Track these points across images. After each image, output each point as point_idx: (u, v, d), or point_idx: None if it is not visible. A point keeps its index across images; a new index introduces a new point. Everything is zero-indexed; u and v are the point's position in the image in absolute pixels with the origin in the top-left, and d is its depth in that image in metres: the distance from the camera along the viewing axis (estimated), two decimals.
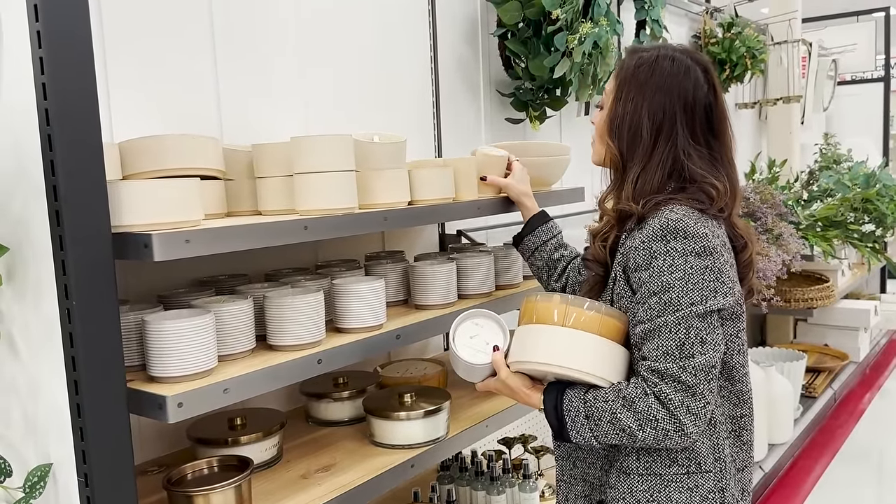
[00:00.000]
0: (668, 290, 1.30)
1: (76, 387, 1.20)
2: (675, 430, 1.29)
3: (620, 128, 1.43)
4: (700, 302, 1.29)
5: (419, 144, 2.46)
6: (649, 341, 1.32)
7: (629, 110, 1.41)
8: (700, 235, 1.31)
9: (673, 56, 1.42)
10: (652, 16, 3.25)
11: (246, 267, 1.89)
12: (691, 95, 1.40)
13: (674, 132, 1.39)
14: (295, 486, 1.58)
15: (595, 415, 1.33)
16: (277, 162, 1.59)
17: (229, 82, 1.88)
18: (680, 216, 1.32)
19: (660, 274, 1.31)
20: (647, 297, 1.32)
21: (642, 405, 1.29)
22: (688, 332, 1.29)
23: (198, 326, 1.32)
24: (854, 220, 3.85)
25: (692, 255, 1.30)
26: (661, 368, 1.29)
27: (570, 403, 1.36)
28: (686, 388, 1.28)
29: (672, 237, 1.31)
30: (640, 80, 1.41)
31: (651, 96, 1.40)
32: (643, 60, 1.43)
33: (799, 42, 5.10)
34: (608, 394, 1.34)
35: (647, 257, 1.33)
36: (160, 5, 1.73)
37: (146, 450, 1.72)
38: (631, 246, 1.37)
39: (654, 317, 1.31)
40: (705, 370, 1.29)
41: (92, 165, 1.17)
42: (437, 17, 2.51)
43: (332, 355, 1.53)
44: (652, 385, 1.30)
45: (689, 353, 1.29)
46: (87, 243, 1.17)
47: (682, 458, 1.38)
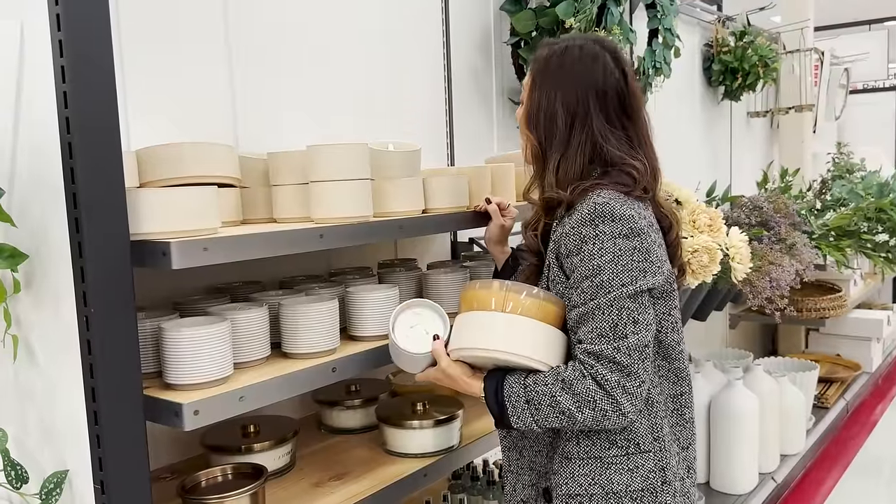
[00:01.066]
0: (599, 273, 1.33)
1: (93, 394, 1.20)
2: (612, 410, 1.31)
3: (537, 118, 1.46)
4: (630, 283, 1.32)
5: (432, 153, 2.46)
6: (584, 324, 1.34)
7: (543, 101, 1.45)
8: (627, 217, 1.34)
9: (581, 45, 1.46)
10: (664, 24, 3.25)
11: (260, 274, 1.90)
12: (601, 81, 1.43)
13: (588, 118, 1.42)
14: (308, 495, 1.58)
15: (535, 399, 1.35)
16: (293, 170, 1.59)
17: (245, 91, 1.89)
18: (606, 199, 1.35)
19: (590, 257, 1.33)
20: (580, 281, 1.35)
21: (580, 387, 1.31)
22: (620, 313, 1.32)
23: (214, 334, 1.32)
24: (867, 230, 3.83)
25: (620, 238, 1.33)
26: (597, 350, 1.31)
27: (510, 389, 1.37)
28: (621, 369, 1.31)
29: (600, 221, 1.34)
30: (552, 70, 1.45)
31: (563, 85, 1.43)
32: (553, 52, 1.46)
33: (811, 51, 5.08)
34: (547, 377, 1.35)
35: (578, 242, 1.35)
36: (177, 15, 1.75)
37: (159, 456, 1.73)
38: (561, 232, 1.40)
39: (587, 300, 1.34)
40: (639, 349, 1.32)
41: (112, 173, 1.18)
42: (451, 26, 2.51)
43: (347, 363, 1.53)
44: (588, 367, 1.32)
45: (622, 333, 1.31)
46: (106, 251, 1.18)
47: (620, 439, 1.40)
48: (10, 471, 1.30)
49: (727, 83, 4.18)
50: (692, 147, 4.05)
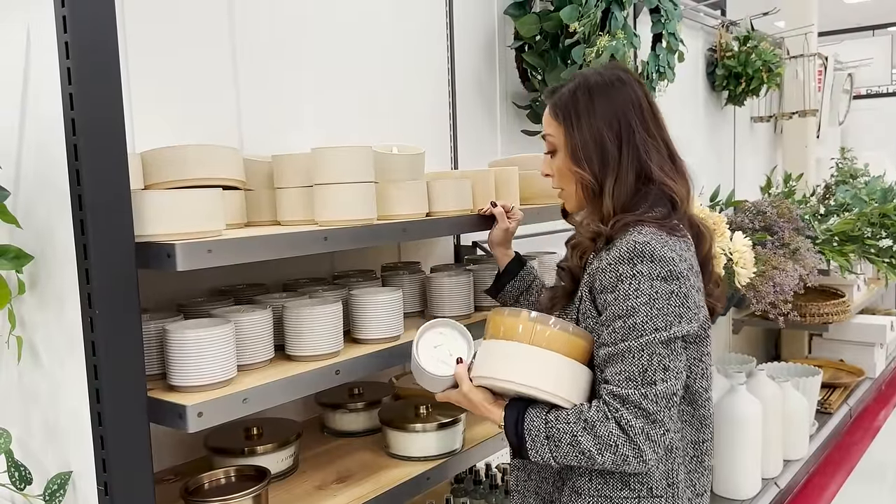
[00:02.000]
0: (633, 315, 1.29)
1: (97, 395, 1.20)
2: (634, 456, 1.29)
3: (586, 152, 1.42)
4: (664, 328, 1.29)
5: (435, 156, 2.46)
6: (612, 365, 1.32)
7: (586, 133, 1.42)
8: (667, 259, 1.31)
9: (596, 71, 1.47)
10: (668, 29, 3.25)
11: (263, 277, 1.90)
12: (633, 96, 1.43)
13: (632, 134, 1.41)
14: (311, 498, 1.58)
15: (555, 436, 1.33)
16: (297, 173, 1.59)
17: (249, 93, 1.90)
18: (648, 239, 1.32)
19: (625, 297, 1.30)
20: (612, 321, 1.32)
21: (603, 430, 1.29)
22: (650, 359, 1.29)
23: (218, 336, 1.32)
24: (871, 235, 3.82)
25: (658, 280, 1.30)
26: (623, 394, 1.29)
27: (530, 423, 1.35)
28: (647, 415, 1.28)
29: (639, 260, 1.30)
30: (583, 104, 1.43)
31: (602, 111, 1.42)
32: (574, 88, 1.45)
33: (815, 56, 5.08)
34: (570, 415, 1.33)
35: (614, 280, 1.32)
36: (182, 16, 1.75)
37: (163, 458, 1.73)
38: (598, 267, 1.37)
39: (617, 340, 1.31)
40: (666, 398, 1.29)
41: (117, 175, 1.19)
42: (455, 30, 2.52)
43: (351, 366, 1.53)
44: (613, 410, 1.29)
45: (651, 379, 1.28)
46: (111, 252, 1.18)
47: (634, 482, 1.38)
48: (13, 472, 1.30)
49: (731, 88, 4.18)
50: (696, 152, 4.05)
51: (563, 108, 1.46)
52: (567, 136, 1.45)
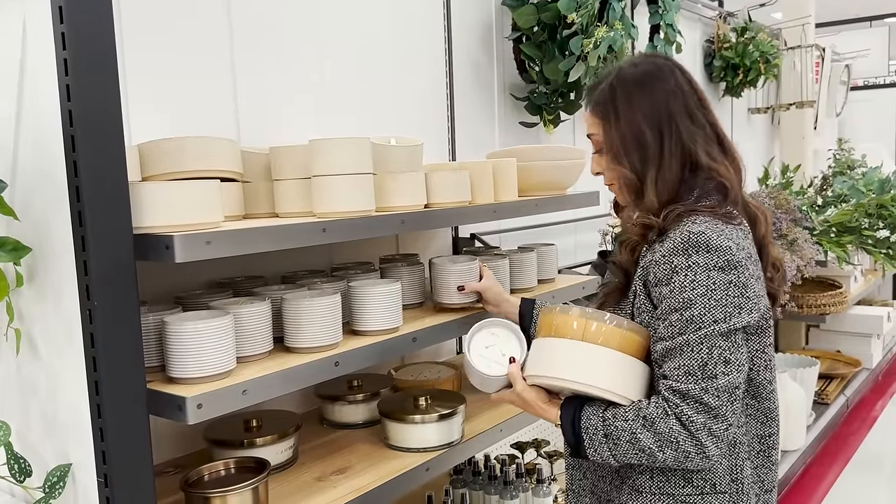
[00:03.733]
0: (690, 307, 1.26)
1: (97, 387, 1.20)
2: (696, 452, 1.26)
3: (625, 147, 1.40)
4: (723, 320, 1.26)
5: (433, 148, 2.46)
6: (670, 360, 1.28)
7: (625, 128, 1.39)
8: (723, 248, 1.27)
9: (632, 63, 1.44)
10: (666, 20, 3.25)
11: (261, 269, 1.89)
12: (672, 84, 1.39)
13: (673, 123, 1.37)
14: (311, 489, 1.58)
15: (614, 434, 1.30)
16: (295, 164, 1.59)
17: (247, 85, 1.89)
18: (702, 229, 1.28)
19: (681, 290, 1.27)
20: (668, 314, 1.29)
21: (663, 426, 1.26)
22: (710, 352, 1.25)
23: (217, 328, 1.32)
24: (868, 226, 3.83)
25: (715, 270, 1.26)
26: (683, 389, 1.26)
27: (587, 421, 1.33)
28: (708, 410, 1.25)
29: (694, 251, 1.27)
30: (620, 98, 1.40)
31: (639, 103, 1.38)
32: (613, 83, 1.42)
33: (812, 47, 5.08)
34: (628, 413, 1.30)
35: (668, 272, 1.29)
36: (179, 8, 1.74)
37: (162, 451, 1.73)
38: (651, 260, 1.33)
39: (674, 334, 1.28)
40: (728, 391, 1.26)
41: (115, 167, 1.18)
42: (452, 21, 2.51)
43: (349, 358, 1.53)
44: (673, 406, 1.26)
45: (711, 373, 1.25)
46: (109, 244, 1.18)
47: (697, 478, 1.35)
48: (13, 464, 1.30)
49: (728, 79, 4.18)
50: None
51: (602, 105, 1.43)
52: (605, 133, 1.43)
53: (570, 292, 2.23)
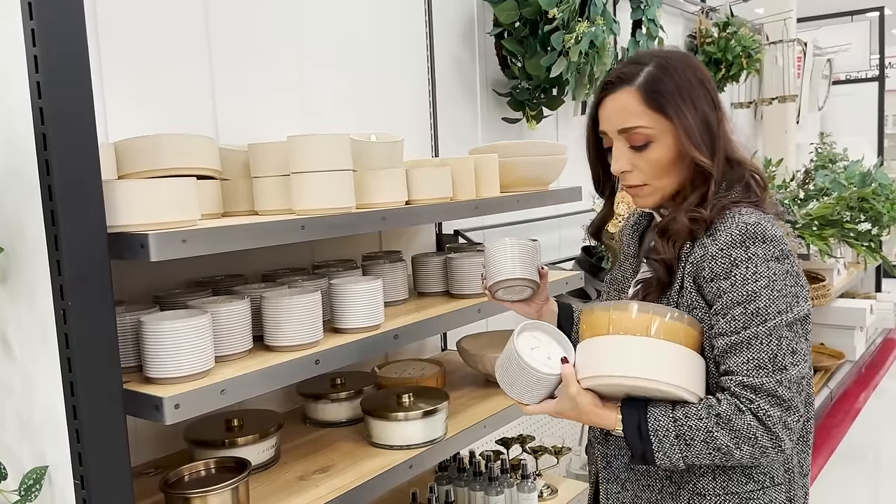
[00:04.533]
0: (755, 300, 1.22)
1: (72, 388, 1.18)
2: (772, 447, 1.22)
3: (702, 134, 1.30)
4: (786, 310, 1.23)
5: (416, 144, 2.45)
6: (736, 354, 1.24)
7: (693, 114, 1.29)
8: (778, 238, 1.25)
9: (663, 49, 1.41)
10: (648, 15, 3.26)
11: (242, 267, 1.88)
12: (704, 70, 1.35)
13: (719, 112, 1.33)
14: (293, 488, 1.57)
15: (687, 434, 1.23)
16: (274, 162, 1.58)
17: (225, 82, 1.87)
18: (757, 219, 1.25)
19: (743, 282, 1.23)
20: (730, 308, 1.24)
21: (739, 422, 1.21)
22: (779, 343, 1.22)
23: (194, 327, 1.31)
24: (850, 219, 3.86)
25: (773, 261, 1.23)
26: (756, 383, 1.22)
27: (656, 422, 1.25)
28: (782, 403, 1.21)
29: (751, 242, 1.23)
30: (678, 82, 1.30)
31: (694, 91, 1.30)
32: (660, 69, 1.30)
33: (794, 42, 5.11)
34: (700, 411, 1.24)
35: (727, 265, 1.24)
36: (156, 5, 1.72)
37: (143, 451, 1.71)
38: (703, 255, 1.27)
39: (739, 328, 1.23)
40: (797, 382, 1.23)
41: (87, 164, 1.16)
42: (434, 17, 2.50)
43: (330, 356, 1.52)
44: (746, 401, 1.22)
45: (781, 364, 1.22)
46: (83, 243, 1.16)
47: (757, 473, 1.31)
48: None
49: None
50: None
51: (661, 90, 1.29)
52: (676, 119, 1.29)
53: (553, 288, 2.22)
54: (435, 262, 2.06)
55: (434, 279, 2.06)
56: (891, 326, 6.26)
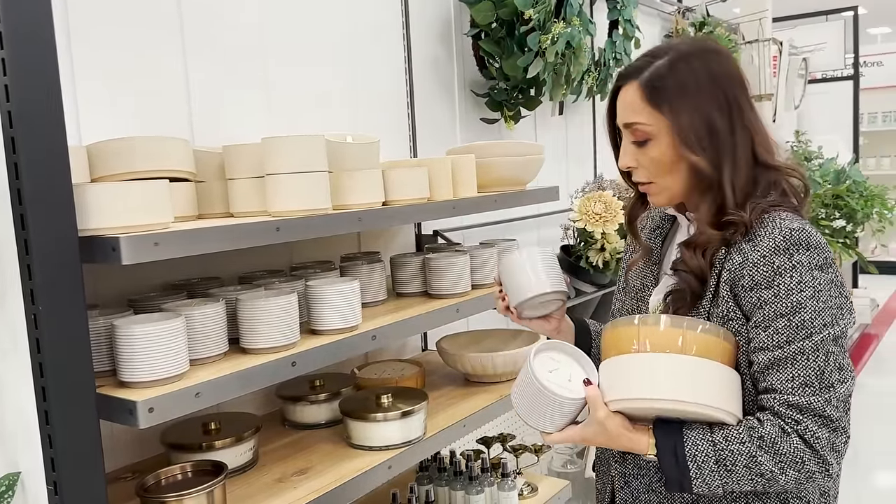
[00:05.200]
0: (800, 312, 1.14)
1: (44, 393, 1.18)
2: (819, 471, 1.14)
3: (697, 136, 1.21)
4: (832, 323, 1.15)
5: (394, 144, 2.45)
6: (779, 371, 1.15)
7: (694, 112, 1.21)
8: (822, 246, 1.17)
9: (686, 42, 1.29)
10: (624, 16, 3.28)
11: (220, 270, 1.87)
12: (734, 67, 1.26)
13: (742, 111, 1.23)
14: (270, 490, 1.56)
15: (728, 459, 1.15)
16: (249, 163, 1.57)
17: (201, 83, 1.87)
18: (801, 225, 1.17)
19: (787, 293, 1.14)
20: (773, 320, 1.16)
21: (786, 446, 1.13)
22: (826, 359, 1.14)
23: (167, 330, 1.30)
24: (825, 216, 3.91)
25: (817, 269, 1.15)
26: (802, 403, 1.13)
27: (695, 447, 1.16)
28: (829, 423, 1.13)
29: (795, 249, 1.15)
30: (682, 80, 1.22)
31: (706, 85, 1.22)
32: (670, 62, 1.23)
33: (769, 41, 5.16)
34: (741, 434, 1.15)
35: (769, 274, 1.16)
36: (128, 6, 1.71)
37: (120, 456, 1.70)
38: (743, 261, 1.19)
39: (782, 343, 1.15)
40: (846, 401, 1.15)
41: (57, 168, 1.16)
42: (411, 17, 2.50)
43: (307, 357, 1.51)
44: (792, 422, 1.14)
45: (829, 382, 1.13)
46: (53, 247, 1.15)
47: (792, 499, 1.24)
48: None
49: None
50: None
51: (661, 87, 1.22)
52: (671, 119, 1.22)
53: None
54: (413, 263, 2.06)
55: (412, 280, 2.07)
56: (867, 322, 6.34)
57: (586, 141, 3.52)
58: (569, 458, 3.15)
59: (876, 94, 8.93)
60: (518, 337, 2.34)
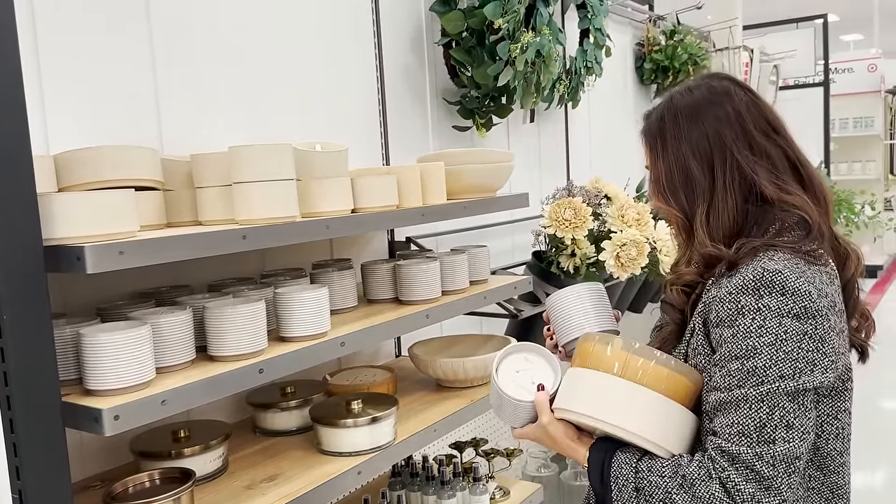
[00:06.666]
0: (754, 357, 1.10)
1: (9, 402, 1.18)
2: None
3: (671, 183, 1.27)
4: (791, 376, 1.09)
5: (366, 153, 2.47)
6: (723, 414, 1.13)
7: (670, 161, 1.27)
8: (802, 293, 1.10)
9: (687, 87, 1.31)
10: (595, 24, 3.32)
11: (191, 278, 1.88)
12: (728, 108, 1.25)
13: (727, 153, 1.22)
14: (239, 497, 1.57)
15: (646, 489, 1.15)
16: (216, 172, 1.58)
17: (170, 92, 1.87)
18: (780, 267, 1.12)
19: (745, 335, 1.11)
20: (728, 361, 1.13)
21: (703, 490, 1.11)
22: (771, 412, 1.09)
23: (133, 338, 1.31)
24: None
25: (789, 317, 1.10)
26: (734, 451, 1.10)
27: (618, 470, 1.19)
28: (760, 480, 1.08)
29: (766, 292, 1.11)
30: (668, 127, 1.28)
31: (687, 133, 1.25)
32: (660, 113, 1.31)
33: (740, 48, 5.25)
34: (665, 468, 1.15)
35: (733, 312, 1.13)
36: (97, 14, 1.72)
37: (89, 464, 1.70)
38: (715, 295, 1.17)
39: (732, 386, 1.11)
40: (787, 461, 1.09)
41: (21, 177, 1.16)
42: (382, 26, 2.52)
43: (275, 364, 1.53)
44: (719, 468, 1.11)
45: (769, 437, 1.09)
46: (17, 256, 1.16)
47: None
48: None
49: (659, 81, 4.29)
50: (624, 145, 4.15)
51: (650, 136, 1.31)
52: (653, 167, 1.31)
53: (502, 292, 2.27)
54: (384, 270, 2.09)
55: (383, 286, 2.09)
56: None
57: (559, 148, 3.56)
58: (543, 463, 3.18)
59: (847, 99, 9.11)
60: (489, 342, 2.37)
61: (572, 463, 3.17)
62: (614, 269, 2.63)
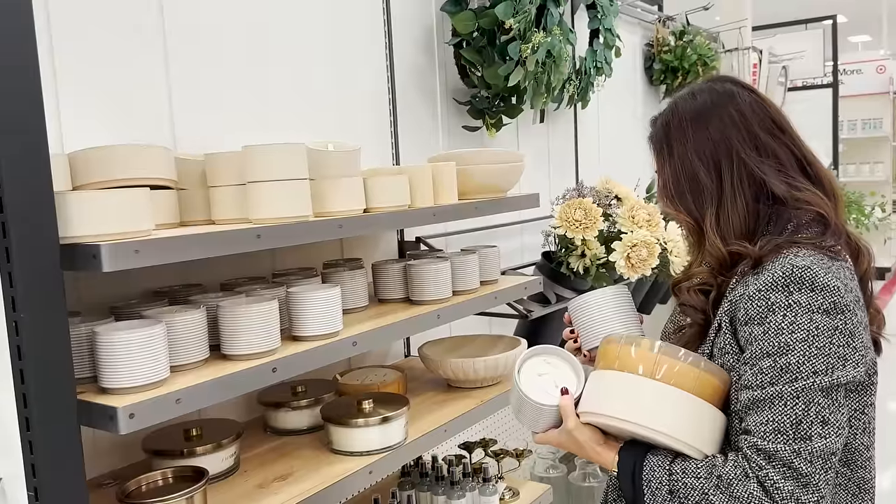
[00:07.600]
0: (787, 353, 1.09)
1: (24, 400, 1.18)
2: None
3: (677, 188, 1.28)
4: (825, 372, 1.09)
5: (377, 152, 2.48)
6: (756, 412, 1.11)
7: (677, 165, 1.28)
8: (831, 288, 1.11)
9: (691, 92, 1.32)
10: (605, 25, 3.32)
11: (202, 277, 1.88)
12: (731, 110, 1.25)
13: (733, 155, 1.23)
14: (251, 496, 1.58)
15: (681, 491, 1.13)
16: (230, 171, 1.59)
17: (183, 91, 1.88)
18: (808, 263, 1.12)
19: (777, 332, 1.10)
20: (759, 359, 1.12)
21: (741, 490, 1.09)
22: (807, 409, 1.08)
23: (148, 337, 1.31)
24: None
25: (819, 313, 1.10)
26: (770, 449, 1.08)
27: (651, 473, 1.16)
28: (797, 477, 1.07)
29: (796, 288, 1.11)
30: (673, 132, 1.29)
31: (692, 138, 1.26)
32: (664, 119, 1.32)
33: (749, 49, 5.23)
34: (700, 469, 1.13)
35: (763, 310, 1.12)
36: (112, 14, 1.72)
37: (102, 462, 1.70)
38: (743, 293, 1.16)
39: (765, 383, 1.11)
40: (824, 457, 1.08)
41: (39, 176, 1.17)
42: (393, 26, 2.53)
43: (288, 363, 1.53)
44: (756, 467, 1.09)
45: (806, 434, 1.08)
46: (35, 255, 1.17)
47: None
48: None
49: (668, 82, 4.28)
50: (634, 145, 4.14)
51: (656, 142, 1.33)
52: (660, 173, 1.32)
53: (513, 293, 2.27)
54: (394, 269, 2.09)
55: (394, 286, 2.09)
56: None
57: (568, 148, 3.56)
58: (551, 464, 3.18)
59: (855, 101, 9.07)
60: (499, 343, 2.37)
61: (581, 464, 3.17)
62: (624, 271, 2.62)
